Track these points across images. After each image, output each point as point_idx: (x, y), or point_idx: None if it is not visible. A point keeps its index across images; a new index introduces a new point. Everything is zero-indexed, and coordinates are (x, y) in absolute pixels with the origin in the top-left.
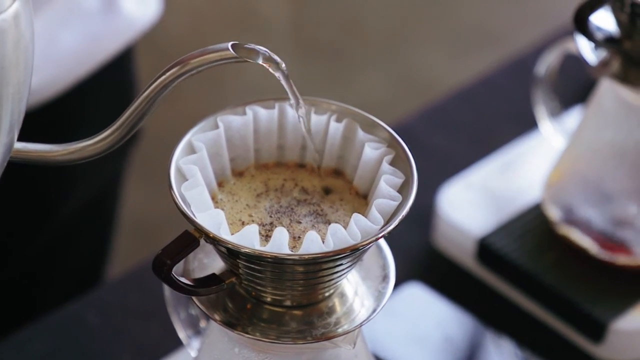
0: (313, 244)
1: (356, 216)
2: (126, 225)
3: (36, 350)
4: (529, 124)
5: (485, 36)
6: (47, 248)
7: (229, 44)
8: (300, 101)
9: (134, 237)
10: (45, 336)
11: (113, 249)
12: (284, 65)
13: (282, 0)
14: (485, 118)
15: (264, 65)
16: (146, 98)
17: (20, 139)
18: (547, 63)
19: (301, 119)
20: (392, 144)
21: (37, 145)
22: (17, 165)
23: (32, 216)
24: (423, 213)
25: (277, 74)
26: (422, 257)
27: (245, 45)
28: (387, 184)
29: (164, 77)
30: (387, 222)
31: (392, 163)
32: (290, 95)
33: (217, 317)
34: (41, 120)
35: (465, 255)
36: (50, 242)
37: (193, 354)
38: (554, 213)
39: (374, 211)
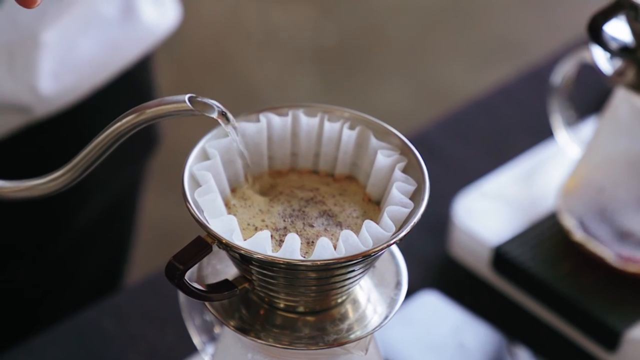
0: (325, 250)
1: (368, 223)
2: (147, 233)
3: (52, 356)
4: (544, 134)
5: (508, 47)
6: (64, 255)
7: (186, 97)
8: (247, 158)
9: (154, 245)
10: (61, 342)
11: (133, 256)
12: (235, 121)
13: (303, 10)
14: (501, 127)
15: (218, 120)
16: (99, 144)
17: (39, 144)
18: (563, 73)
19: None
20: (404, 151)
21: None
22: (33, 170)
23: (49, 224)
24: (439, 221)
25: (228, 129)
26: (437, 265)
27: (201, 100)
28: (399, 191)
29: (118, 124)
30: (399, 228)
31: (404, 170)
32: (239, 147)
33: (230, 322)
34: (60, 127)
35: (480, 264)
36: (67, 249)
37: (207, 359)
38: (569, 222)
39: (385, 218)
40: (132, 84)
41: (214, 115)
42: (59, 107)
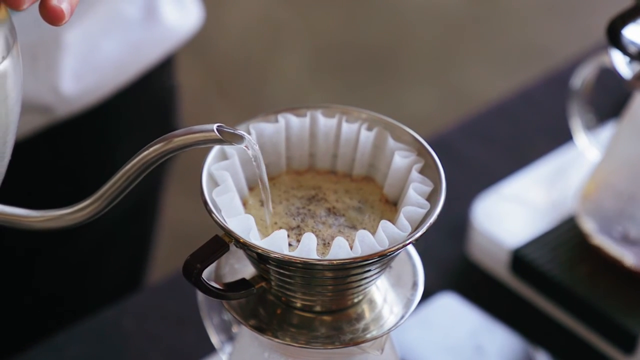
0: (341, 249)
1: (384, 223)
2: (168, 234)
3: (72, 355)
4: (564, 137)
5: (534, 54)
6: (86, 255)
7: (215, 126)
8: (267, 188)
9: (176, 246)
10: (81, 341)
11: (154, 257)
12: (260, 153)
13: (332, 14)
14: (521, 131)
15: (245, 148)
16: (126, 173)
17: (60, 144)
18: (583, 77)
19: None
20: (422, 152)
21: (15, 209)
22: (52, 171)
23: None
24: (458, 224)
25: (254, 159)
26: (456, 268)
27: (229, 130)
28: (416, 191)
29: (145, 153)
30: (415, 229)
31: (421, 171)
32: (259, 181)
33: (247, 321)
34: (81, 127)
35: (499, 266)
36: (89, 250)
37: (225, 358)
38: (588, 225)
39: (402, 218)
40: (154, 85)
41: (242, 145)
42: (80, 107)
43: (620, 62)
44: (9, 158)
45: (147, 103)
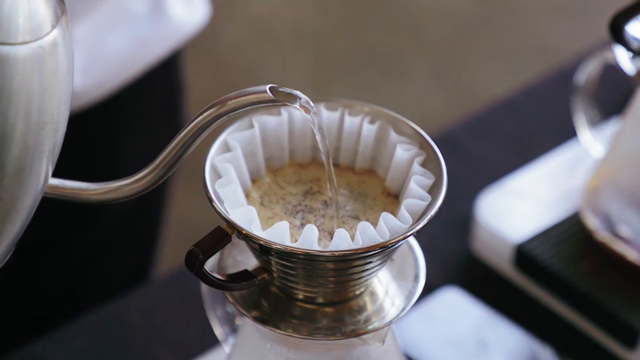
0: (342, 241)
1: (385, 215)
2: (177, 230)
3: (78, 347)
4: (568, 133)
5: (543, 53)
6: (93, 251)
7: (267, 87)
8: (327, 150)
9: (185, 241)
10: (87, 333)
11: (163, 254)
12: (316, 110)
13: (341, 13)
14: (525, 127)
15: (300, 109)
16: (182, 139)
17: (67, 138)
18: (587, 73)
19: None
20: (424, 145)
21: (74, 182)
22: (58, 165)
23: (78, 219)
24: (462, 219)
25: (310, 119)
26: (460, 263)
27: (283, 90)
28: (417, 184)
29: (200, 117)
30: (416, 221)
31: (423, 164)
32: (319, 142)
33: (249, 313)
34: (88, 121)
35: (503, 261)
36: (96, 245)
37: (227, 350)
38: (592, 221)
39: (403, 211)
40: (160, 81)
41: (296, 105)
42: (87, 102)
43: (623, 58)
44: (64, 130)
45: (153, 98)
